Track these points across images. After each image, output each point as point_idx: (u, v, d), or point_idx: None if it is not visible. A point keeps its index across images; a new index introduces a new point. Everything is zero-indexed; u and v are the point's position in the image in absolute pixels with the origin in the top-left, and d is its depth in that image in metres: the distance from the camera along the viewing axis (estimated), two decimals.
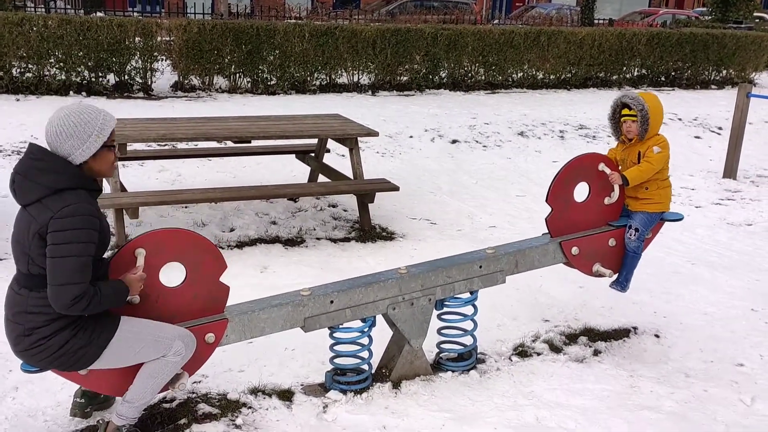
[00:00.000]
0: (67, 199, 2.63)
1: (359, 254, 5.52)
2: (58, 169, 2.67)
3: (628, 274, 4.24)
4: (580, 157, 4.07)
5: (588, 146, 9.41)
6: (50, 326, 2.70)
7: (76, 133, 2.68)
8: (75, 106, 2.76)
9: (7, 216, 5.60)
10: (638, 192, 4.15)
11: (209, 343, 3.11)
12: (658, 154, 4.02)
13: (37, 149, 2.71)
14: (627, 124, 4.07)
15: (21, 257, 2.70)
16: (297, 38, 11.00)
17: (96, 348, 2.76)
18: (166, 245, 2.99)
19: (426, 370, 3.73)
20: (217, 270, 3.12)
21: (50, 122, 2.72)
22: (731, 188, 8.08)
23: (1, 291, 4.36)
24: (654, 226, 4.24)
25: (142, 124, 5.79)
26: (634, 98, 4.00)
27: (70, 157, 2.70)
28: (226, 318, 3.16)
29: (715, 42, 14.51)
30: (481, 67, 12.67)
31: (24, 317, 2.71)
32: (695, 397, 3.72)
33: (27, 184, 2.66)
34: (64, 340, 2.71)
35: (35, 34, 9.51)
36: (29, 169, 2.67)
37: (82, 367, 2.80)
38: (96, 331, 2.76)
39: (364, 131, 6.01)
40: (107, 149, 2.78)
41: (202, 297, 3.11)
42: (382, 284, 3.50)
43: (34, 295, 2.69)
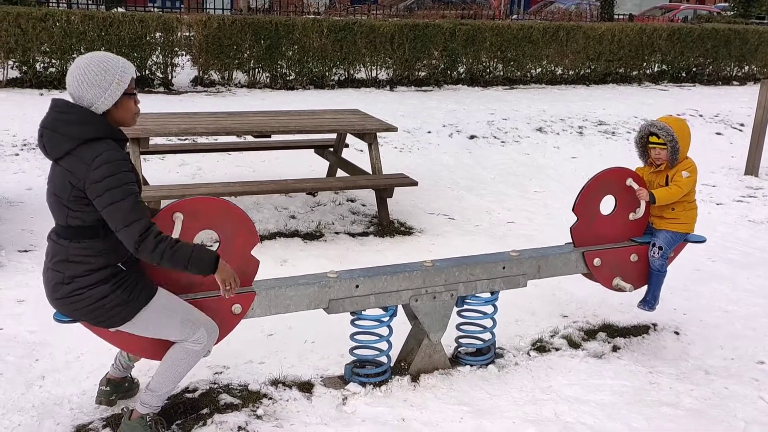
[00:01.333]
0: (97, 149, 2.66)
1: (377, 248, 5.55)
2: (84, 120, 2.69)
3: (655, 292, 4.23)
4: (609, 170, 4.06)
5: (607, 142, 9.37)
6: (91, 276, 2.74)
7: (97, 81, 2.70)
8: (94, 55, 2.77)
9: (31, 209, 5.71)
10: (664, 212, 4.14)
11: (236, 314, 3.17)
12: (687, 179, 4.01)
13: (62, 102, 2.73)
14: (656, 150, 4.04)
15: (59, 210, 2.74)
16: (315, 33, 11.04)
17: (131, 309, 2.81)
18: (203, 212, 3.05)
19: (444, 363, 3.75)
20: (249, 242, 3.18)
21: (71, 72, 2.73)
22: (753, 185, 8.01)
23: (28, 282, 4.45)
24: (677, 246, 4.23)
25: (163, 119, 5.85)
26: (663, 128, 3.94)
27: (93, 106, 2.72)
28: (254, 291, 3.21)
29: (737, 37, 14.36)
30: (500, 62, 12.64)
31: (65, 265, 2.75)
32: (715, 394, 3.71)
33: (55, 138, 2.68)
34: (103, 294, 2.75)
35: (58, 30, 9.62)
36: (56, 122, 2.69)
37: (113, 325, 2.83)
38: (135, 293, 2.80)
39: (383, 126, 6.03)
40: (128, 97, 2.80)
41: (233, 268, 3.15)
42: (407, 274, 3.54)
43: (74, 245, 2.73)
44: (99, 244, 2.75)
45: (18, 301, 4.26)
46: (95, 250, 2.74)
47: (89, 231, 2.73)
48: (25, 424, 3.11)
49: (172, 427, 3.13)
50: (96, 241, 2.74)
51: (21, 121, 7.80)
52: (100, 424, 3.13)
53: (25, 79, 9.73)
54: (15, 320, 4.03)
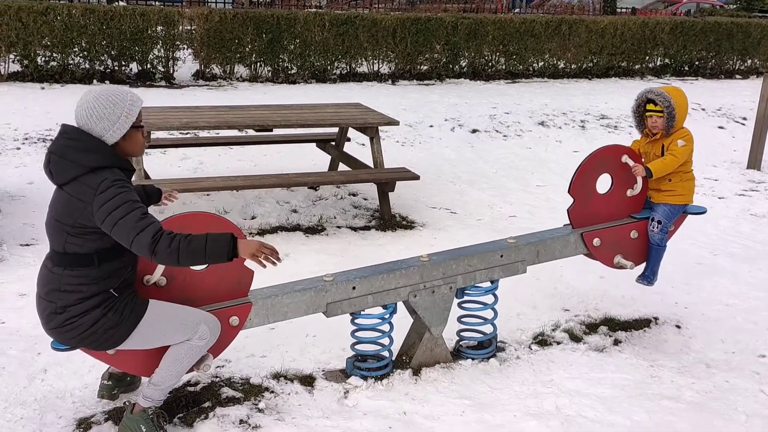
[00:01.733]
0: (104, 175, 2.69)
1: (379, 243, 5.55)
2: (93, 148, 2.72)
3: (654, 267, 4.22)
4: (603, 149, 4.05)
5: (609, 136, 9.35)
6: (82, 304, 2.76)
7: (106, 114, 2.73)
8: (102, 88, 2.81)
9: (33, 203, 5.71)
10: (661, 184, 4.12)
11: (233, 326, 3.16)
12: (683, 147, 3.99)
13: (72, 129, 2.76)
14: (652, 119, 4.03)
15: (57, 236, 2.75)
16: (317, 27, 11.02)
17: (125, 329, 2.82)
18: (192, 228, 3.03)
19: (446, 357, 3.75)
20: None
21: (80, 106, 2.76)
22: (755, 179, 7.99)
23: (30, 275, 4.46)
24: (677, 219, 4.21)
25: (165, 113, 5.85)
26: (660, 94, 3.95)
27: (102, 138, 2.75)
28: (250, 302, 3.21)
29: (739, 31, 14.31)
30: (502, 56, 12.62)
31: (57, 295, 2.76)
32: (716, 387, 3.71)
33: (63, 164, 2.70)
34: (95, 319, 2.77)
35: (59, 24, 9.62)
36: (65, 148, 2.71)
37: (111, 346, 2.86)
38: (126, 313, 2.82)
39: (385, 120, 6.03)
40: (136, 129, 2.83)
41: (228, 280, 3.15)
42: (403, 271, 3.53)
43: (68, 273, 2.75)
44: (94, 272, 2.76)
45: (20, 295, 4.27)
46: (89, 278, 2.75)
47: (85, 259, 2.74)
48: (28, 417, 3.13)
49: (174, 420, 3.14)
50: (91, 269, 2.75)
51: (22, 115, 7.81)
52: (102, 418, 3.15)
53: (26, 72, 9.74)
54: (17, 314, 4.04)
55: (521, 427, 3.25)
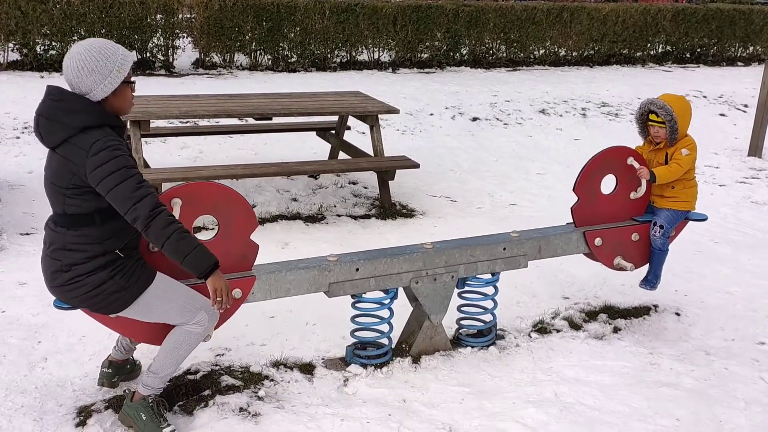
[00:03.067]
0: (95, 135, 2.64)
1: (379, 231, 5.55)
2: (80, 108, 2.67)
3: (656, 272, 4.22)
4: (610, 149, 4.04)
5: (610, 124, 9.32)
6: (89, 263, 2.74)
7: (98, 68, 2.67)
8: (93, 41, 2.73)
9: (33, 192, 5.71)
10: (664, 190, 4.12)
11: (236, 298, 3.17)
12: (687, 156, 3.98)
13: (56, 90, 2.71)
14: (654, 129, 4.01)
15: (56, 198, 2.73)
16: (317, 15, 10.97)
17: (130, 295, 2.81)
18: (202, 198, 3.05)
19: (445, 345, 3.76)
20: (248, 227, 3.18)
21: (70, 58, 2.69)
22: (756, 167, 7.97)
23: (30, 265, 4.47)
24: (678, 225, 4.21)
25: (164, 101, 5.84)
26: (662, 107, 3.91)
27: (90, 93, 2.69)
28: (254, 275, 3.21)
29: (742, 18, 14.24)
30: (503, 44, 12.56)
31: (62, 253, 2.75)
32: (715, 374, 3.72)
33: (52, 126, 2.66)
34: (101, 281, 2.75)
35: (58, 12, 9.58)
36: (52, 110, 2.67)
37: (113, 311, 2.84)
38: (133, 278, 2.80)
39: (385, 108, 6.01)
40: (126, 85, 2.78)
41: (233, 253, 3.16)
42: (407, 257, 3.53)
43: (72, 233, 2.73)
44: (96, 231, 2.74)
45: (20, 284, 4.27)
46: (93, 237, 2.74)
47: (87, 219, 2.72)
48: (28, 406, 3.14)
49: (174, 408, 3.16)
50: (93, 229, 2.74)
51: (22, 104, 7.78)
52: (102, 406, 3.16)
53: (25, 61, 9.70)
54: (17, 303, 4.05)
55: (520, 415, 3.26)
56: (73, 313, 3.16)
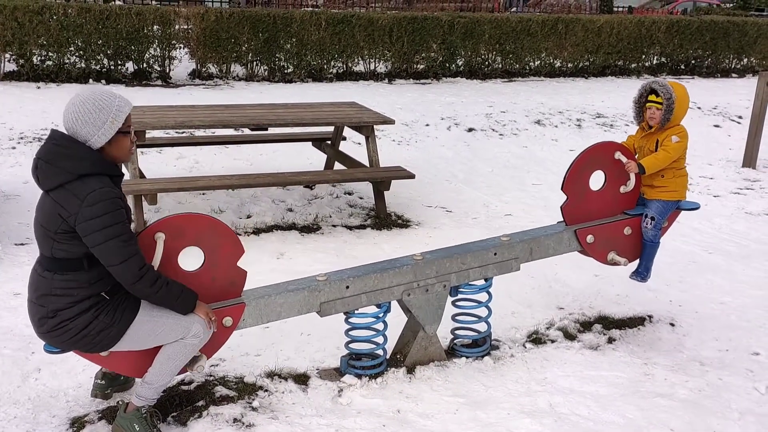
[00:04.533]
0: (91, 185, 2.67)
1: (375, 241, 5.55)
2: (80, 155, 2.70)
3: (647, 264, 4.23)
4: (596, 145, 4.06)
5: (605, 135, 9.35)
6: (73, 308, 2.76)
7: (92, 119, 2.71)
8: (90, 91, 2.77)
9: (28, 202, 5.71)
10: (654, 180, 4.13)
11: (227, 326, 3.16)
12: (676, 144, 4.00)
13: (60, 135, 2.75)
14: (651, 110, 4.04)
15: (45, 241, 2.75)
16: (314, 26, 11.02)
17: (117, 330, 2.82)
18: (185, 229, 3.03)
19: (440, 355, 3.76)
20: (234, 254, 3.17)
21: (67, 108, 2.75)
22: (750, 177, 8.01)
23: (24, 275, 4.46)
24: (670, 215, 4.22)
25: (161, 112, 5.85)
26: (663, 86, 3.98)
27: (87, 142, 2.73)
28: (244, 302, 3.21)
29: (736, 30, 14.33)
30: (498, 55, 12.62)
31: (48, 299, 2.76)
32: (709, 385, 3.72)
33: (50, 170, 2.69)
34: (87, 322, 2.77)
35: (55, 23, 9.61)
36: (52, 154, 2.70)
37: (104, 348, 2.86)
38: (117, 314, 2.81)
39: (381, 119, 6.03)
40: (123, 135, 2.80)
41: (220, 281, 3.15)
42: (397, 270, 3.53)
43: (58, 278, 2.74)
44: (84, 275, 2.75)
45: (14, 294, 4.27)
46: (80, 281, 2.75)
47: (75, 263, 2.74)
48: (21, 417, 3.13)
49: (168, 419, 3.15)
50: (81, 273, 2.75)
51: (18, 114, 7.80)
52: (96, 417, 3.15)
53: (21, 72, 9.72)
54: (11, 313, 4.04)
55: (515, 425, 3.26)
56: None
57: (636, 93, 4.17)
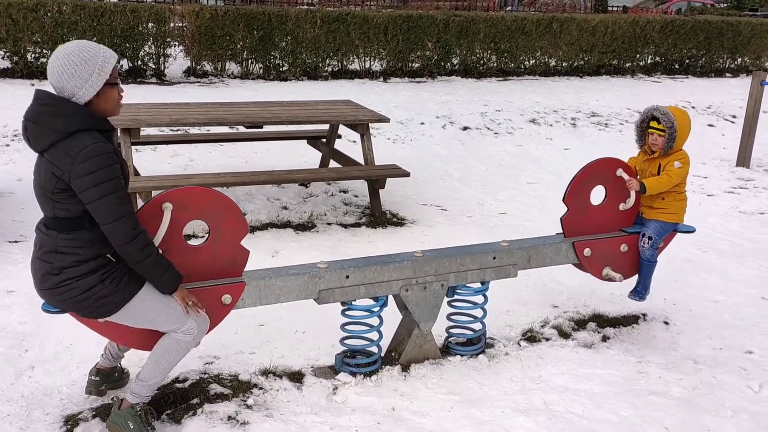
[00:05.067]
0: (83, 141, 2.63)
1: (369, 239, 5.55)
2: (68, 112, 2.65)
3: (645, 282, 4.24)
4: (600, 161, 4.07)
5: (600, 134, 9.38)
6: (80, 267, 2.73)
7: (77, 72, 2.65)
8: (73, 44, 2.71)
9: (22, 199, 5.68)
10: (654, 202, 4.14)
11: (225, 304, 3.16)
12: (679, 169, 4.02)
13: (45, 94, 2.70)
14: (653, 136, 4.04)
15: (45, 202, 2.73)
16: (309, 24, 11.01)
17: (119, 300, 2.80)
18: (193, 203, 3.03)
19: (435, 353, 3.76)
20: (238, 232, 3.17)
21: (51, 63, 2.68)
22: (744, 177, 8.04)
23: (18, 272, 4.45)
24: (666, 236, 4.24)
25: (155, 109, 5.83)
26: (665, 114, 3.96)
27: (74, 97, 2.68)
28: (244, 281, 3.21)
29: (729, 29, 14.38)
30: (493, 54, 12.63)
31: (53, 256, 2.73)
32: (703, 383, 3.73)
33: (39, 130, 2.65)
34: (91, 285, 2.74)
35: (50, 20, 9.57)
36: (39, 114, 2.66)
37: (102, 315, 2.83)
38: (122, 283, 2.80)
39: (376, 117, 6.03)
40: (110, 86, 2.75)
41: (222, 258, 3.15)
42: (397, 265, 3.54)
43: (63, 236, 2.72)
44: (87, 235, 2.73)
45: (8, 292, 4.25)
46: (83, 241, 2.73)
47: (77, 222, 2.72)
48: (15, 414, 3.11)
49: (162, 416, 3.14)
50: (84, 232, 2.73)
51: (12, 111, 7.76)
52: (90, 414, 3.14)
53: (16, 69, 9.68)
54: (5, 311, 4.02)
55: (509, 423, 3.27)
56: (60, 321, 3.16)
57: (638, 117, 4.17)
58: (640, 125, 4.13)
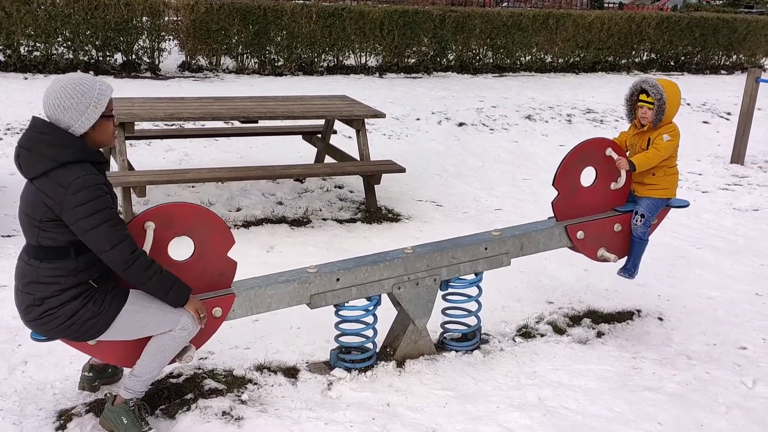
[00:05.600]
0: (75, 172, 2.63)
1: (365, 235, 5.54)
2: (62, 143, 2.66)
3: (635, 261, 4.23)
4: (588, 142, 4.06)
5: (595, 130, 9.38)
6: (61, 296, 2.73)
7: (73, 105, 2.67)
8: (70, 77, 2.73)
9: (14, 193, 5.65)
10: (644, 177, 4.13)
11: (216, 317, 3.15)
12: (668, 142, 3.99)
13: (41, 123, 2.70)
14: (643, 109, 4.02)
15: (30, 230, 2.72)
16: (304, 19, 10.97)
17: (105, 319, 2.80)
18: (175, 219, 3.01)
19: (430, 349, 3.76)
20: (224, 245, 3.15)
21: (47, 95, 2.70)
22: (738, 173, 8.06)
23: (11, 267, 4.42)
24: (660, 213, 4.23)
25: (150, 103, 5.81)
26: (654, 86, 3.95)
27: (70, 129, 2.69)
28: (234, 293, 3.19)
29: (725, 26, 14.39)
30: (489, 49, 12.61)
31: (35, 287, 2.73)
32: (697, 379, 3.74)
33: (32, 158, 2.65)
34: (74, 310, 2.74)
35: (43, 13, 9.51)
36: (34, 142, 2.66)
37: (91, 337, 2.83)
38: (105, 303, 2.79)
39: (371, 112, 6.01)
40: (106, 119, 2.76)
41: (210, 271, 3.14)
42: (388, 263, 3.52)
43: (45, 266, 2.71)
44: (71, 263, 2.72)
45: (0, 287, 4.23)
46: (67, 269, 2.72)
47: (61, 251, 2.71)
48: (7, 409, 3.10)
49: (156, 412, 3.13)
50: (68, 261, 2.72)
51: (5, 105, 7.72)
52: (83, 410, 3.12)
53: (8, 62, 9.62)
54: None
55: (504, 419, 3.27)
56: None
57: (627, 91, 4.16)
58: (630, 98, 4.12)
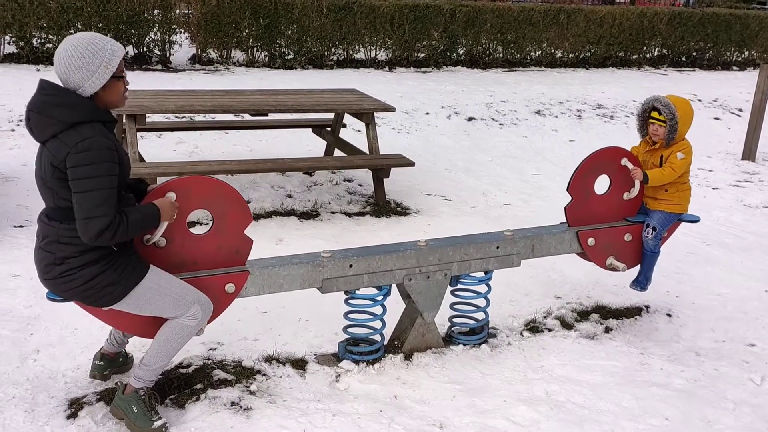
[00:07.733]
0: (83, 133, 2.63)
1: (373, 228, 5.55)
2: (71, 104, 2.65)
3: (647, 273, 4.22)
4: (604, 150, 4.05)
5: (605, 126, 9.35)
6: (82, 257, 2.74)
7: (85, 64, 2.66)
8: (82, 36, 2.71)
9: (26, 184, 5.70)
10: (657, 193, 4.12)
11: (229, 293, 3.17)
12: (682, 161, 3.97)
13: (49, 85, 2.70)
14: (654, 127, 3.99)
15: (46, 192, 2.73)
16: (315, 13, 10.97)
17: (122, 288, 2.81)
18: (196, 192, 3.04)
19: (438, 342, 3.77)
20: (242, 222, 3.18)
21: (58, 54, 2.68)
22: (749, 170, 8.01)
23: (23, 257, 4.46)
24: (670, 226, 4.22)
25: (161, 96, 5.83)
26: (666, 105, 3.90)
27: (80, 89, 2.68)
28: (247, 270, 3.22)
29: (737, 22, 14.29)
30: (500, 44, 12.58)
31: (56, 246, 2.74)
32: (705, 375, 3.74)
33: (42, 121, 2.65)
34: (93, 274, 2.75)
35: (55, 5, 9.55)
36: (42, 104, 2.66)
37: (106, 304, 2.84)
38: (126, 272, 2.80)
39: (381, 106, 6.02)
40: (116, 79, 2.75)
41: (226, 247, 3.16)
42: (400, 254, 3.54)
43: (65, 227, 2.72)
44: None
45: (13, 276, 4.27)
46: None
47: None
48: (20, 397, 3.14)
49: (166, 401, 3.16)
50: None
51: (17, 97, 7.77)
52: (94, 398, 3.16)
53: (21, 54, 9.67)
54: (10, 294, 4.05)
55: (511, 413, 3.28)
56: (65, 305, 3.18)
57: (639, 107, 4.13)
58: (642, 115, 4.10)
